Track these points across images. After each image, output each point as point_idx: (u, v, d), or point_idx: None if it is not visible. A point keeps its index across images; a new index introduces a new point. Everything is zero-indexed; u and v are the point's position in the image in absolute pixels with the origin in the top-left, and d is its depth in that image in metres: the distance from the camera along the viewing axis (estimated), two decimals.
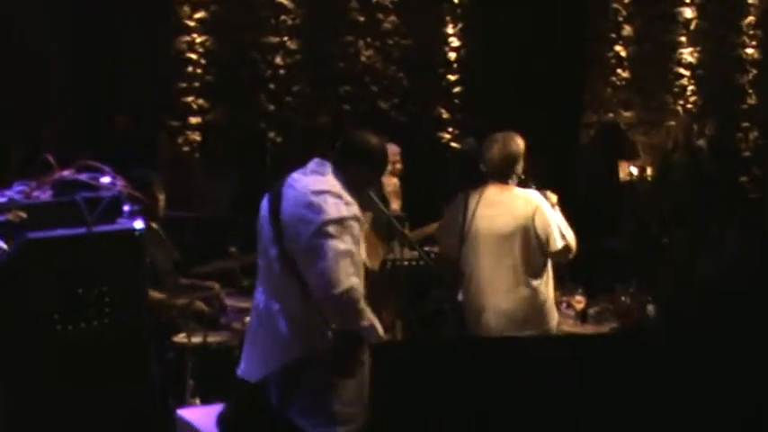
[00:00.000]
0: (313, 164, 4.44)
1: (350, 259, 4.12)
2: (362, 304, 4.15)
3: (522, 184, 5.49)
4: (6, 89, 8.58)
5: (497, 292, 5.32)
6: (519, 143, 5.45)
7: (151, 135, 9.52)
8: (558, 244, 5.29)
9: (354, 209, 4.27)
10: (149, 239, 5.46)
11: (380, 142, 4.60)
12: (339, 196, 4.25)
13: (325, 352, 4.27)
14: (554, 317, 5.46)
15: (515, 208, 5.32)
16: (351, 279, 4.10)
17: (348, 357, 4.30)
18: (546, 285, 5.40)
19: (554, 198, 5.53)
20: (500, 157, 5.39)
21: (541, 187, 5.52)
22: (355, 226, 4.21)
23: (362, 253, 4.32)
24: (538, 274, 5.34)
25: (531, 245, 5.29)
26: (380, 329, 4.26)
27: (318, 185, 4.29)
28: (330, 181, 4.33)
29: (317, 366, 4.29)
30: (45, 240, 2.92)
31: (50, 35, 9.05)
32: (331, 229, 4.13)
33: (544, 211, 5.31)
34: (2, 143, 8.52)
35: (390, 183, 6.85)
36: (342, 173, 4.38)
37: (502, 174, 5.40)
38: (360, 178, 4.44)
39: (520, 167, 5.45)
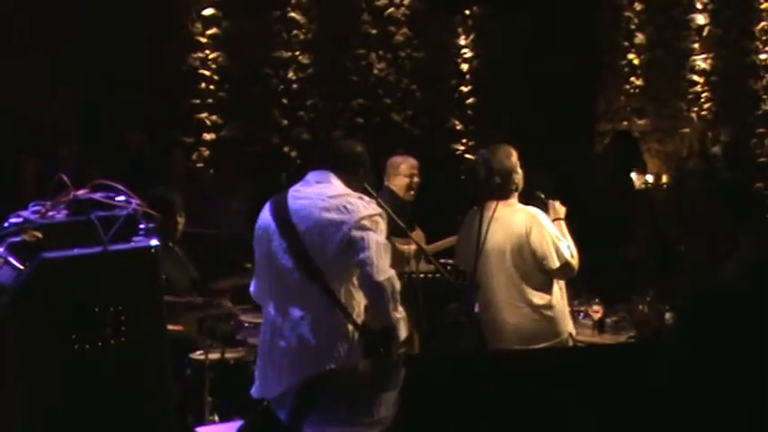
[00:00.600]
0: (312, 175, 4.61)
1: (386, 251, 4.37)
2: (398, 295, 4.33)
3: (529, 194, 5.45)
4: (21, 105, 8.60)
5: (504, 307, 5.30)
6: (508, 154, 5.37)
7: (165, 152, 9.54)
8: (554, 263, 5.21)
9: (375, 206, 4.48)
10: (165, 258, 5.47)
11: (364, 149, 4.80)
12: (359, 197, 4.47)
13: (353, 367, 4.31)
14: (566, 328, 5.40)
15: (511, 224, 5.27)
16: (390, 268, 4.34)
17: (378, 351, 4.39)
18: (556, 298, 5.35)
19: (562, 211, 5.46)
20: (489, 175, 5.29)
21: (550, 198, 5.49)
22: (383, 222, 4.43)
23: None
24: (542, 288, 5.30)
25: (527, 261, 5.25)
26: (404, 330, 4.38)
27: (333, 191, 4.47)
28: (338, 187, 4.51)
29: (338, 380, 4.31)
30: (61, 260, 2.94)
31: (63, 52, 9.08)
32: (366, 222, 4.34)
33: (542, 228, 5.23)
34: (17, 158, 8.53)
35: (408, 195, 6.84)
36: (342, 179, 4.56)
37: (499, 190, 5.30)
38: (356, 183, 4.61)
39: (517, 178, 5.38)
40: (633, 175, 9.27)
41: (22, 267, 2.92)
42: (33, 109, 8.64)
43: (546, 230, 5.23)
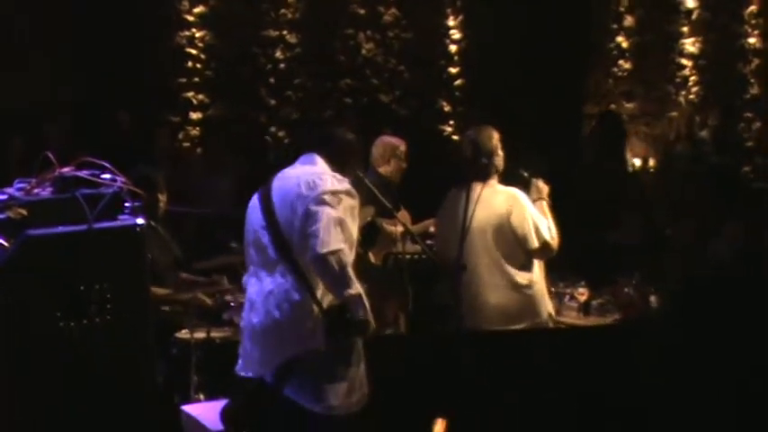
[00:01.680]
0: (301, 158, 4.67)
1: (341, 226, 4.27)
2: (349, 271, 4.23)
3: (512, 172, 5.49)
4: (7, 84, 8.58)
5: (485, 287, 5.36)
6: (490, 136, 5.44)
7: (151, 131, 9.52)
8: (533, 243, 5.29)
9: (347, 184, 4.46)
10: (149, 236, 5.47)
11: (356, 138, 4.84)
12: (332, 175, 4.48)
13: (319, 348, 4.31)
14: (546, 308, 5.45)
15: (493, 205, 5.34)
16: (339, 243, 4.23)
17: (339, 355, 4.36)
18: (537, 278, 5.41)
19: (545, 190, 5.52)
20: (473, 155, 5.39)
21: (534, 176, 5.52)
22: (348, 200, 4.38)
23: (356, 230, 4.43)
24: (523, 268, 5.36)
25: (508, 241, 5.32)
26: (368, 305, 4.28)
27: (310, 170, 4.52)
28: (321, 167, 4.56)
29: (314, 359, 4.33)
30: (46, 238, 2.93)
31: (50, 31, 9.04)
32: (327, 197, 4.32)
33: (523, 209, 5.31)
34: (2, 137, 8.51)
35: (396, 177, 6.84)
36: (329, 162, 4.59)
37: (480, 171, 5.38)
38: (343, 167, 4.63)
39: (497, 160, 5.44)
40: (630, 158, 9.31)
41: (6, 245, 2.91)
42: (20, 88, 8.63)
43: (527, 211, 5.30)
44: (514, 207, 5.30)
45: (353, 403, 4.42)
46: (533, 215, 5.32)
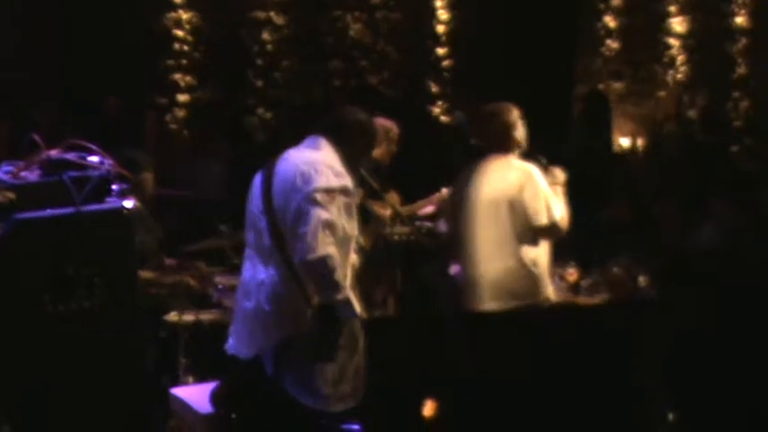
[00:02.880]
0: (307, 140, 4.52)
1: (330, 229, 4.20)
2: (338, 276, 4.20)
3: (531, 159, 5.46)
4: None
5: (486, 261, 5.30)
6: (512, 112, 5.44)
7: (138, 113, 9.48)
8: (540, 219, 5.24)
9: (345, 180, 4.34)
10: (136, 219, 5.46)
11: (371, 119, 4.69)
12: (330, 167, 4.33)
13: (308, 333, 4.30)
14: (545, 291, 5.42)
15: (507, 178, 5.31)
16: (327, 248, 4.17)
17: (325, 341, 4.33)
18: (542, 258, 5.38)
19: (561, 177, 5.50)
20: (494, 128, 5.40)
21: (551, 163, 5.50)
22: (342, 198, 4.29)
23: (354, 226, 4.37)
24: (530, 244, 5.32)
25: (519, 216, 5.27)
26: (357, 307, 4.30)
27: (310, 157, 4.38)
28: (323, 154, 4.41)
29: (303, 345, 4.32)
30: (34, 220, 2.92)
31: (35, 16, 8.99)
32: (318, 196, 4.21)
33: (536, 184, 5.28)
34: None
35: (386, 161, 6.83)
36: (336, 147, 4.45)
37: (500, 145, 5.38)
38: (354, 153, 4.51)
39: (518, 135, 5.41)
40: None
41: None
42: (8, 71, 8.58)
43: (539, 187, 5.26)
44: (528, 182, 5.27)
45: (346, 394, 4.38)
46: (547, 193, 5.29)
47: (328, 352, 4.33)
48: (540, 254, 5.37)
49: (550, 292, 5.48)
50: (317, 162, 4.33)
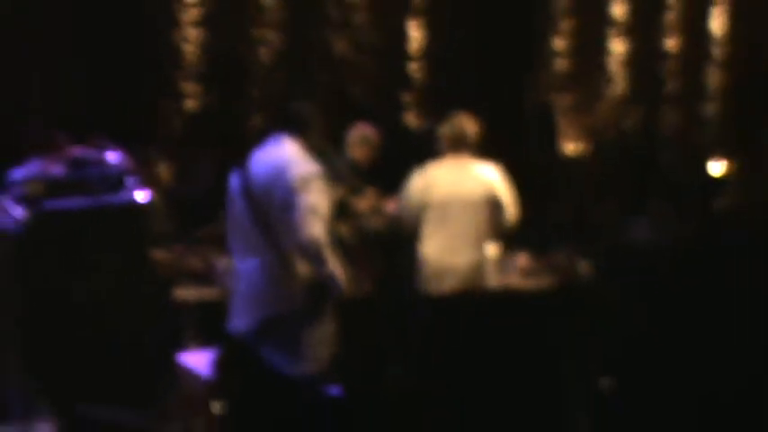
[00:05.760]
0: (270, 140, 4.62)
1: (314, 212, 4.27)
2: (326, 253, 4.27)
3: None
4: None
5: (458, 254, 5.28)
6: (471, 122, 5.45)
7: (142, 118, 9.39)
8: (512, 213, 5.28)
9: (315, 166, 4.43)
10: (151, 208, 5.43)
11: (312, 105, 4.81)
12: (299, 157, 4.45)
13: (299, 309, 4.33)
14: (493, 282, 5.45)
15: (481, 175, 5.29)
16: (314, 229, 4.23)
17: (315, 315, 4.38)
18: (498, 251, 5.41)
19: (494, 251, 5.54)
20: (453, 132, 5.39)
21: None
22: (318, 181, 4.36)
23: (327, 204, 4.41)
24: (495, 237, 5.33)
25: (497, 210, 5.25)
26: (342, 281, 4.35)
27: (278, 153, 4.49)
28: (288, 148, 4.51)
29: (293, 320, 4.35)
30: (59, 211, 2.91)
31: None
32: (298, 185, 4.30)
33: (504, 181, 5.31)
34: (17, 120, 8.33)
35: (365, 165, 6.78)
36: (297, 140, 4.55)
37: (457, 147, 5.36)
38: (313, 140, 4.61)
39: (473, 143, 5.42)
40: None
41: (24, 217, 2.89)
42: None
43: (506, 184, 5.28)
44: (500, 179, 5.28)
45: (324, 359, 4.43)
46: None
47: (317, 325, 4.38)
48: (497, 247, 5.40)
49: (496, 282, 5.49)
50: (286, 155, 4.44)
